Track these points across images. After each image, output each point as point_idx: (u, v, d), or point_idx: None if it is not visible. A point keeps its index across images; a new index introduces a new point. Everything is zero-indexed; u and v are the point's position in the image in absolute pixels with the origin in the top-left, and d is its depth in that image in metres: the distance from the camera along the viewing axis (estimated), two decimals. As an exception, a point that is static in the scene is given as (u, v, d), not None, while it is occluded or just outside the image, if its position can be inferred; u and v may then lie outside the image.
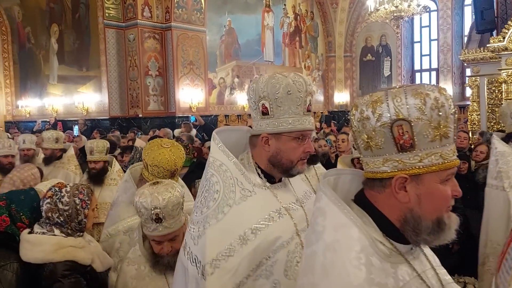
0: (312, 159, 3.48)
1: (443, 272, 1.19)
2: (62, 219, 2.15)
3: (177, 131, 9.31)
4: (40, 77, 16.67)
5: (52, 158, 4.74)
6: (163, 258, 2.02)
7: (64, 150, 4.91)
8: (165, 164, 2.48)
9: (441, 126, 1.01)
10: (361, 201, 1.14)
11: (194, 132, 9.29)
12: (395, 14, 13.38)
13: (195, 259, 1.41)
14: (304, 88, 1.48)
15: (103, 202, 4.08)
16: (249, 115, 15.11)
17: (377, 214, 1.09)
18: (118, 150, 5.66)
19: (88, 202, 2.22)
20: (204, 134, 9.88)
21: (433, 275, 1.14)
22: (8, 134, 9.47)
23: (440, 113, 1.01)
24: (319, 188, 1.13)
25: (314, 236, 1.09)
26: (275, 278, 1.41)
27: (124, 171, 4.66)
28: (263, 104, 1.49)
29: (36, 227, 2.16)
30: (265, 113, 1.50)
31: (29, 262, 2.08)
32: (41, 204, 2.18)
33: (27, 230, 2.17)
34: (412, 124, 1.00)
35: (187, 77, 13.47)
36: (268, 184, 1.55)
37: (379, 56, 19.97)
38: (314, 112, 19.62)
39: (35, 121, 15.22)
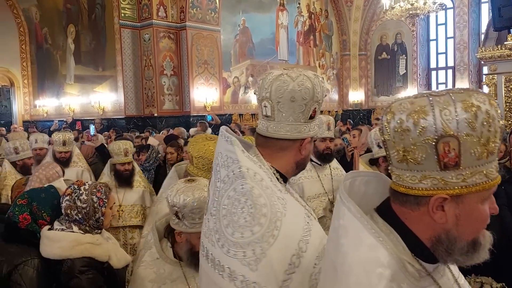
0: (326, 158, 3.42)
1: (462, 282, 1.14)
2: (80, 216, 2.20)
3: (192, 130, 9.37)
4: (57, 77, 16.93)
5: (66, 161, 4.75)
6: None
7: None
8: (210, 155, 2.42)
9: (490, 143, 0.92)
10: (388, 215, 1.05)
11: (209, 131, 9.34)
12: (410, 12, 13.26)
13: (256, 287, 1.22)
14: (310, 96, 1.35)
15: (129, 205, 4.05)
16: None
17: (407, 232, 1.01)
18: (134, 149, 5.72)
19: (106, 200, 2.26)
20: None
21: None
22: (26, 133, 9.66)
23: (490, 129, 0.91)
24: (341, 202, 1.03)
25: (339, 259, 1.00)
26: None
27: (142, 170, 4.74)
28: (264, 104, 1.40)
29: (56, 224, 2.22)
30: (265, 114, 1.42)
31: (48, 258, 2.13)
32: (61, 201, 2.23)
33: (47, 226, 2.22)
34: (461, 141, 0.90)
35: (202, 76, 13.54)
36: (285, 186, 1.44)
37: (395, 55, 19.80)
38: (329, 111, 19.56)
39: (53, 121, 15.46)
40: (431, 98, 0.93)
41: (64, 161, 4.58)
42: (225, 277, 1.25)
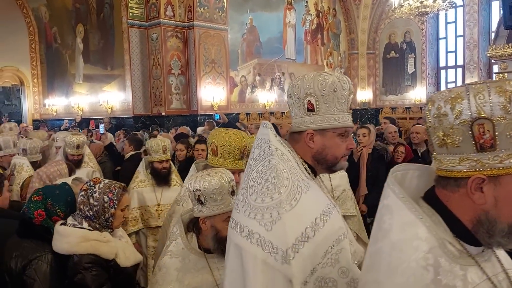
0: None
1: None
2: (91, 213, 2.23)
3: (200, 129, 9.39)
4: (66, 76, 17.06)
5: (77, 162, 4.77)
6: None
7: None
8: (235, 142, 2.52)
9: None
10: (432, 199, 1.10)
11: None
12: (420, 10, 13.15)
13: (269, 245, 1.34)
14: (348, 87, 1.52)
15: (168, 204, 3.82)
16: (272, 113, 15.02)
17: (448, 214, 1.06)
18: (171, 147, 5.73)
19: (116, 202, 2.26)
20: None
21: (504, 278, 1.09)
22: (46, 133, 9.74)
23: None
24: (387, 185, 1.10)
25: (380, 234, 1.07)
26: (342, 265, 1.41)
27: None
28: (309, 100, 1.52)
29: (69, 219, 2.25)
30: (310, 109, 1.53)
31: (58, 252, 2.16)
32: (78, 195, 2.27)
33: (61, 221, 2.25)
34: (495, 123, 0.96)
35: (209, 75, 13.56)
36: (314, 178, 1.57)
37: (403, 53, 19.66)
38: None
39: (62, 120, 15.57)
40: (467, 86, 1.01)
41: (75, 162, 4.62)
42: (243, 236, 1.39)
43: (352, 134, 5.96)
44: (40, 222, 2.24)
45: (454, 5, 16.65)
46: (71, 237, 2.15)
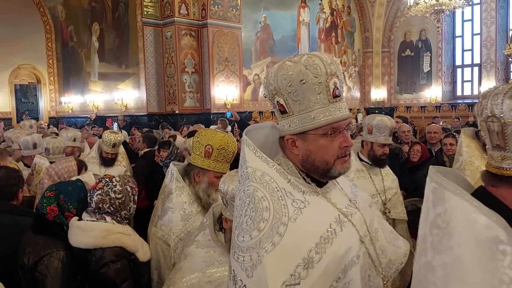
0: (381, 162, 3.28)
1: None
2: (112, 209, 2.24)
3: (213, 128, 9.40)
4: (81, 74, 17.25)
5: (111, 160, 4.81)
6: None
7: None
8: (231, 146, 2.45)
9: None
10: (486, 197, 1.03)
11: (229, 128, 9.36)
12: (436, 8, 12.99)
13: None
14: (322, 71, 1.21)
15: None
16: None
17: (508, 212, 1.00)
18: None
19: (136, 189, 2.35)
20: (239, 130, 9.93)
21: None
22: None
23: None
24: (441, 187, 0.98)
25: (453, 241, 0.94)
26: None
27: (161, 166, 4.76)
28: (277, 101, 1.27)
29: (85, 215, 2.26)
30: (282, 111, 1.28)
31: (78, 247, 2.17)
32: (90, 194, 2.28)
33: (76, 217, 2.27)
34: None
35: (222, 74, 13.58)
36: (318, 188, 1.30)
37: (419, 52, 19.44)
38: (350, 109, 19.33)
39: (78, 117, 15.75)
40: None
41: (109, 160, 4.72)
42: (231, 279, 1.23)
43: (440, 143, 5.64)
44: (53, 218, 2.26)
45: (470, 3, 16.40)
46: (96, 231, 2.17)
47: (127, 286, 2.15)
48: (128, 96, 14.55)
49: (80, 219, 2.26)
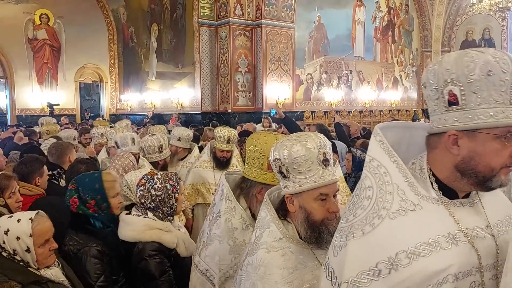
0: None
1: None
2: (154, 204, 2.36)
3: (258, 126, 9.49)
4: (140, 73, 18.00)
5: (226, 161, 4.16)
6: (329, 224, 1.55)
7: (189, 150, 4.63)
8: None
9: None
10: None
11: (274, 126, 9.37)
12: (501, 6, 12.36)
13: (331, 272, 1.18)
14: (510, 69, 1.06)
15: None
16: (338, 111, 14.56)
17: None
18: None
19: (178, 187, 2.42)
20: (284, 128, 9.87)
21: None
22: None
23: None
24: None
25: None
26: None
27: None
28: (450, 90, 1.10)
29: (133, 210, 2.41)
30: (453, 102, 1.11)
31: (124, 240, 2.31)
32: (136, 190, 2.41)
33: (125, 211, 2.42)
34: None
35: (275, 73, 13.65)
36: (444, 198, 1.16)
37: (481, 51, 18.47)
38: (407, 110, 18.77)
39: (136, 115, 16.39)
40: None
41: (224, 162, 3.99)
42: (325, 256, 1.29)
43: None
44: (76, 209, 2.34)
45: (541, -1, 15.36)
46: (136, 225, 2.31)
47: (166, 279, 2.25)
48: (184, 94, 14.97)
49: (129, 213, 2.39)
